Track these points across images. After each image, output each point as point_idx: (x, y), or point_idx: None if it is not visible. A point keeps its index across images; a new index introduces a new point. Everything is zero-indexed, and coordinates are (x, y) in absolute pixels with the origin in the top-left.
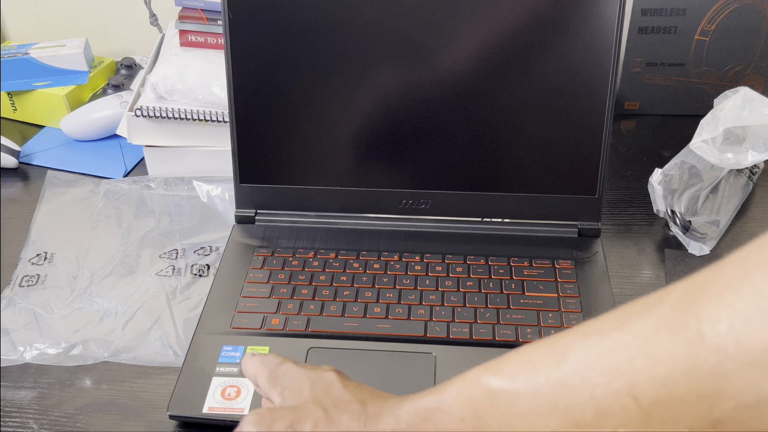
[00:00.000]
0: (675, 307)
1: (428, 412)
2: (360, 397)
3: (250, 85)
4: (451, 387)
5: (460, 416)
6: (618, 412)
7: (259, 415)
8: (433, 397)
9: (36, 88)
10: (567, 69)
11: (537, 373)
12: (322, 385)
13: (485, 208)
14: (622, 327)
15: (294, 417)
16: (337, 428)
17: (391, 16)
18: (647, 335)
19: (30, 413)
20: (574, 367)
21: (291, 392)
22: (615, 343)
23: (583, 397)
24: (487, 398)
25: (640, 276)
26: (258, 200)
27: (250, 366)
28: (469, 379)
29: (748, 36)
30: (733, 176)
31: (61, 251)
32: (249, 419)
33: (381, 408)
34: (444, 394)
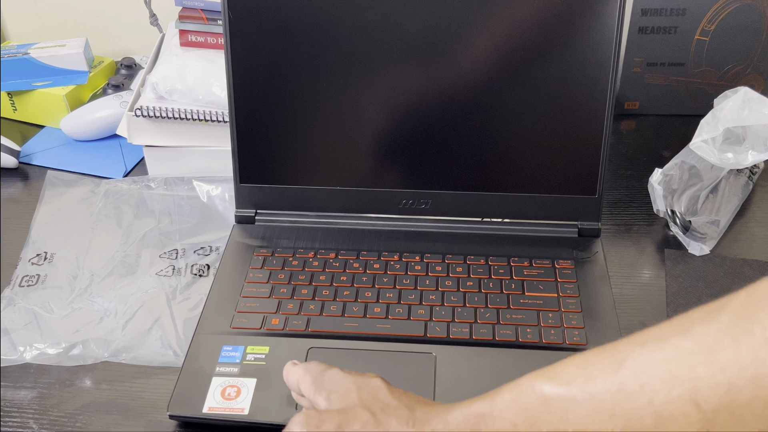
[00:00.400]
0: (738, 314)
1: (479, 417)
2: (407, 402)
3: (250, 85)
4: (503, 393)
5: (512, 422)
6: (678, 419)
7: (307, 416)
8: (484, 403)
9: (36, 88)
10: (567, 69)
11: (594, 379)
12: (369, 390)
13: (485, 208)
14: (682, 334)
15: (342, 419)
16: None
17: (391, 16)
18: (709, 342)
19: (30, 413)
20: (632, 374)
21: (337, 396)
22: (675, 350)
23: (642, 404)
24: (541, 404)
25: (640, 276)
26: (258, 200)
27: (293, 373)
28: (522, 386)
29: (748, 36)
30: (733, 176)
31: (61, 251)
32: (297, 419)
33: (429, 413)
34: (496, 400)
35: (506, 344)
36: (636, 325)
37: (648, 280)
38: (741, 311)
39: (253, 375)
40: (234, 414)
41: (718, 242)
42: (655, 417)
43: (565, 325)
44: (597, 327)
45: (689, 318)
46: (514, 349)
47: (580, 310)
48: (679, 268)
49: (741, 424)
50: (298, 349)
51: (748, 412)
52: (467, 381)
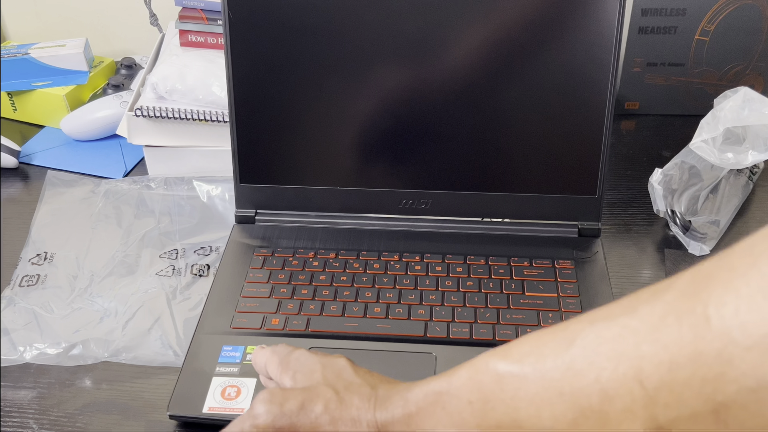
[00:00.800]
0: (682, 293)
1: (437, 395)
2: (370, 381)
3: (250, 85)
4: (460, 371)
5: (468, 399)
6: (623, 396)
7: (271, 393)
8: (442, 381)
9: (36, 88)
10: (567, 69)
11: (544, 357)
12: (334, 369)
13: (485, 208)
14: (630, 313)
15: (306, 397)
16: (347, 409)
17: (390, 16)
18: (654, 321)
19: (30, 413)
20: (581, 352)
21: (303, 375)
22: (622, 329)
23: (590, 381)
24: (494, 382)
25: (640, 276)
26: (258, 200)
27: (260, 356)
28: (478, 364)
29: (748, 36)
30: (733, 176)
31: (61, 251)
32: (261, 397)
33: (391, 391)
34: (453, 378)
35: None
36: None
37: (648, 280)
38: (685, 290)
39: (253, 375)
40: (234, 414)
41: (718, 242)
42: (601, 394)
43: None
44: None
45: (637, 297)
46: None
47: (580, 310)
48: (679, 268)
49: (681, 400)
50: None
51: (688, 389)
52: None
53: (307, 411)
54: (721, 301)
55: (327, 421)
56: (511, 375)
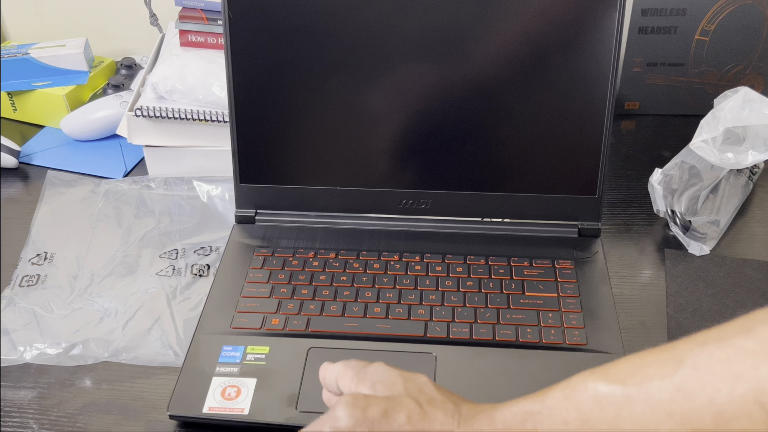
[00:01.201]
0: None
1: (528, 414)
2: (452, 398)
3: (250, 85)
4: (553, 391)
5: (563, 419)
6: (741, 419)
7: (354, 397)
8: (533, 401)
9: (36, 88)
10: (567, 69)
11: (651, 378)
12: (415, 383)
13: (485, 208)
14: (746, 334)
15: (389, 406)
16: (430, 423)
17: (390, 16)
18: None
19: (30, 413)
20: (692, 373)
21: (383, 386)
22: (738, 350)
23: (703, 403)
24: (594, 402)
25: (640, 276)
26: (258, 200)
27: (330, 371)
28: (574, 384)
29: (748, 36)
30: (733, 176)
31: (61, 251)
32: (344, 400)
33: (475, 410)
34: (546, 398)
35: (506, 344)
36: (636, 325)
37: (648, 280)
38: None
39: (254, 375)
40: (234, 414)
41: (718, 242)
42: (716, 416)
43: (565, 325)
44: (597, 327)
45: (752, 318)
46: (514, 349)
47: (580, 310)
48: (679, 268)
49: None
50: (298, 349)
51: None
52: (467, 381)
53: (389, 419)
54: None
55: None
56: (613, 395)
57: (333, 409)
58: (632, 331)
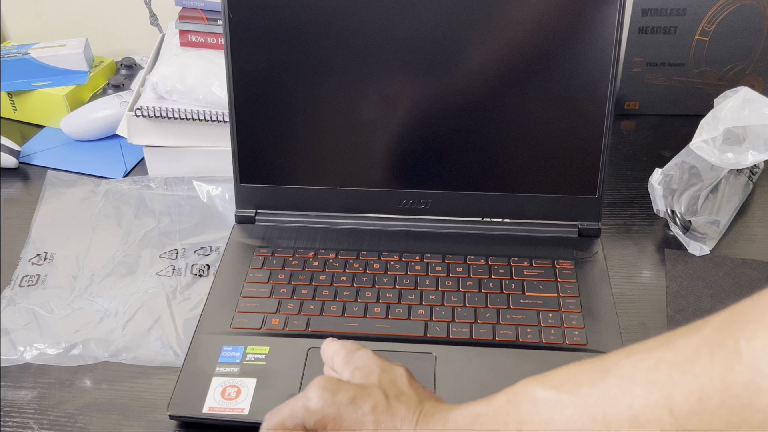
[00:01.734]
0: (716, 328)
1: (476, 416)
2: (420, 395)
3: (250, 85)
4: (499, 395)
5: (504, 421)
6: (653, 423)
7: (327, 380)
8: (482, 404)
9: (36, 88)
10: (567, 69)
11: (581, 385)
12: (391, 375)
13: (485, 208)
14: (666, 346)
15: (358, 393)
16: (392, 416)
17: (390, 16)
18: (688, 353)
19: (30, 413)
20: (616, 381)
21: (361, 373)
22: (657, 360)
23: (622, 408)
24: (531, 405)
25: (640, 276)
26: (258, 200)
27: (330, 347)
28: (516, 388)
29: (748, 36)
30: (733, 176)
31: (61, 251)
32: (317, 382)
33: (435, 409)
34: (492, 401)
35: (506, 344)
36: (636, 325)
37: (648, 280)
38: (719, 326)
39: (253, 375)
40: (234, 414)
41: (718, 242)
42: (632, 421)
43: (565, 325)
44: (597, 327)
45: (674, 333)
46: (514, 349)
47: (580, 310)
48: (679, 268)
49: (709, 429)
50: (298, 349)
51: (716, 418)
52: (467, 381)
53: (355, 406)
54: (753, 336)
55: (371, 422)
56: (548, 399)
57: (307, 389)
58: (632, 331)
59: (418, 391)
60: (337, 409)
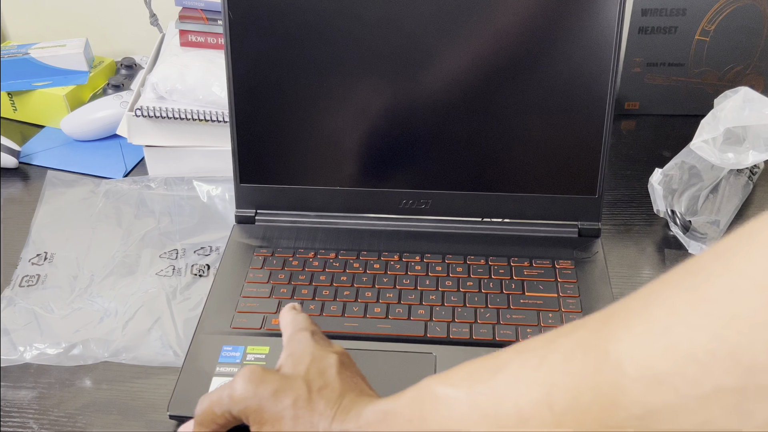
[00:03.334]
0: (591, 329)
1: (384, 414)
2: (344, 388)
3: (250, 85)
4: (406, 393)
5: (409, 418)
6: (536, 420)
7: (251, 371)
8: (390, 401)
9: (36, 88)
10: (567, 69)
11: (475, 383)
12: (320, 365)
13: (485, 208)
14: (549, 345)
15: (280, 386)
16: (311, 411)
17: (391, 16)
18: (566, 352)
19: (30, 413)
20: (505, 378)
21: (292, 361)
22: (541, 359)
23: (509, 406)
24: (432, 402)
25: (640, 276)
26: (258, 200)
27: (284, 318)
28: (421, 386)
29: (748, 36)
30: (733, 176)
31: (61, 251)
32: (243, 372)
33: (353, 404)
34: (400, 398)
35: (506, 344)
36: None
37: (648, 280)
38: (594, 327)
39: None
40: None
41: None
42: (518, 418)
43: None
44: None
45: (558, 332)
46: None
47: (580, 311)
48: None
49: (583, 425)
50: None
51: (588, 415)
52: None
53: (276, 400)
54: (619, 338)
55: (290, 416)
56: (446, 397)
57: (234, 378)
58: None
59: (344, 383)
60: (258, 401)
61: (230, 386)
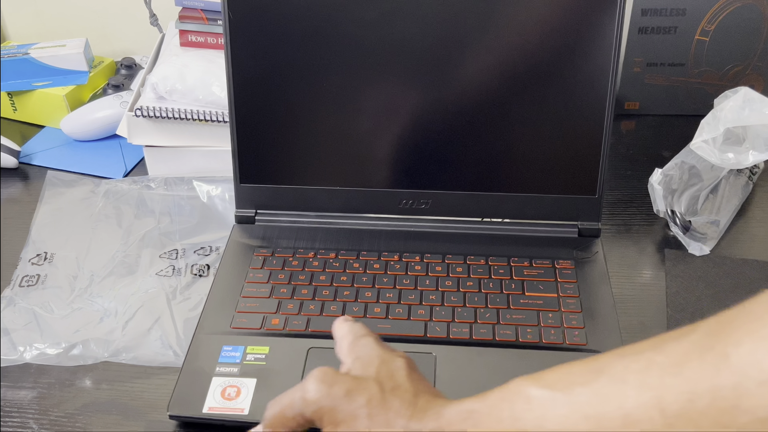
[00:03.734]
0: (706, 333)
1: (469, 413)
2: (417, 388)
3: (250, 85)
4: (493, 393)
5: (498, 418)
6: (644, 422)
7: (324, 372)
8: (475, 401)
9: (36, 88)
10: (567, 69)
11: (574, 384)
12: (390, 367)
13: (485, 208)
14: (656, 349)
15: (353, 386)
16: (386, 410)
17: (391, 17)
18: (678, 356)
19: (30, 413)
20: (608, 381)
21: (361, 363)
22: (648, 362)
23: (614, 407)
24: (524, 403)
25: (640, 276)
26: (258, 200)
27: (341, 328)
28: (510, 387)
29: (748, 36)
30: (733, 176)
31: (61, 251)
32: (315, 374)
33: (430, 404)
34: (486, 398)
35: (506, 344)
36: (636, 325)
37: (648, 280)
38: (709, 331)
39: (253, 375)
40: (234, 414)
41: (718, 242)
42: (624, 419)
43: (565, 325)
44: (597, 327)
45: (664, 337)
46: (514, 349)
47: (580, 310)
48: (679, 268)
49: (698, 428)
50: (298, 349)
51: (705, 418)
52: (467, 381)
53: (350, 399)
54: (740, 342)
55: (365, 415)
56: (541, 398)
57: (306, 380)
58: (632, 331)
59: (415, 384)
60: (332, 401)
61: (302, 388)
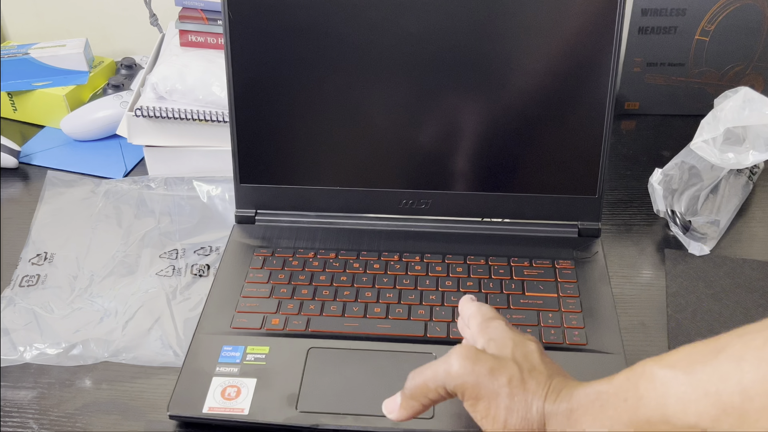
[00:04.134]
0: None
1: (598, 393)
2: (550, 370)
3: (250, 85)
4: (619, 375)
5: (624, 397)
6: (762, 396)
7: (467, 349)
8: (603, 383)
9: (36, 88)
10: (567, 69)
11: (695, 363)
12: (523, 349)
13: (485, 208)
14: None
15: (496, 364)
16: (525, 390)
17: (390, 16)
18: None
19: (30, 413)
20: (728, 358)
21: (496, 344)
22: (766, 339)
23: (733, 383)
24: (648, 382)
25: (640, 276)
26: (258, 200)
27: (468, 307)
28: (635, 368)
29: (748, 36)
30: (733, 176)
31: (61, 251)
32: (459, 351)
33: (562, 384)
34: (614, 379)
35: None
36: (636, 325)
37: (648, 280)
38: None
39: (253, 375)
40: (234, 414)
41: (718, 242)
42: (743, 394)
43: (565, 325)
44: (597, 327)
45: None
46: None
47: (580, 310)
48: (679, 268)
49: None
50: (298, 349)
51: None
52: None
53: (493, 378)
54: None
55: (506, 394)
56: (664, 377)
57: (449, 356)
58: (632, 331)
59: (548, 367)
60: (476, 378)
61: (446, 362)
